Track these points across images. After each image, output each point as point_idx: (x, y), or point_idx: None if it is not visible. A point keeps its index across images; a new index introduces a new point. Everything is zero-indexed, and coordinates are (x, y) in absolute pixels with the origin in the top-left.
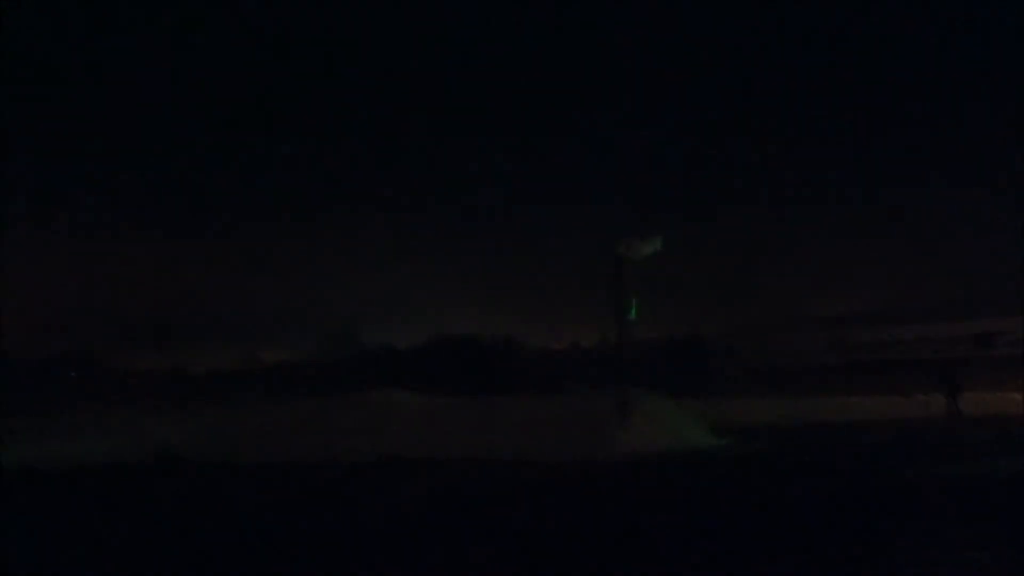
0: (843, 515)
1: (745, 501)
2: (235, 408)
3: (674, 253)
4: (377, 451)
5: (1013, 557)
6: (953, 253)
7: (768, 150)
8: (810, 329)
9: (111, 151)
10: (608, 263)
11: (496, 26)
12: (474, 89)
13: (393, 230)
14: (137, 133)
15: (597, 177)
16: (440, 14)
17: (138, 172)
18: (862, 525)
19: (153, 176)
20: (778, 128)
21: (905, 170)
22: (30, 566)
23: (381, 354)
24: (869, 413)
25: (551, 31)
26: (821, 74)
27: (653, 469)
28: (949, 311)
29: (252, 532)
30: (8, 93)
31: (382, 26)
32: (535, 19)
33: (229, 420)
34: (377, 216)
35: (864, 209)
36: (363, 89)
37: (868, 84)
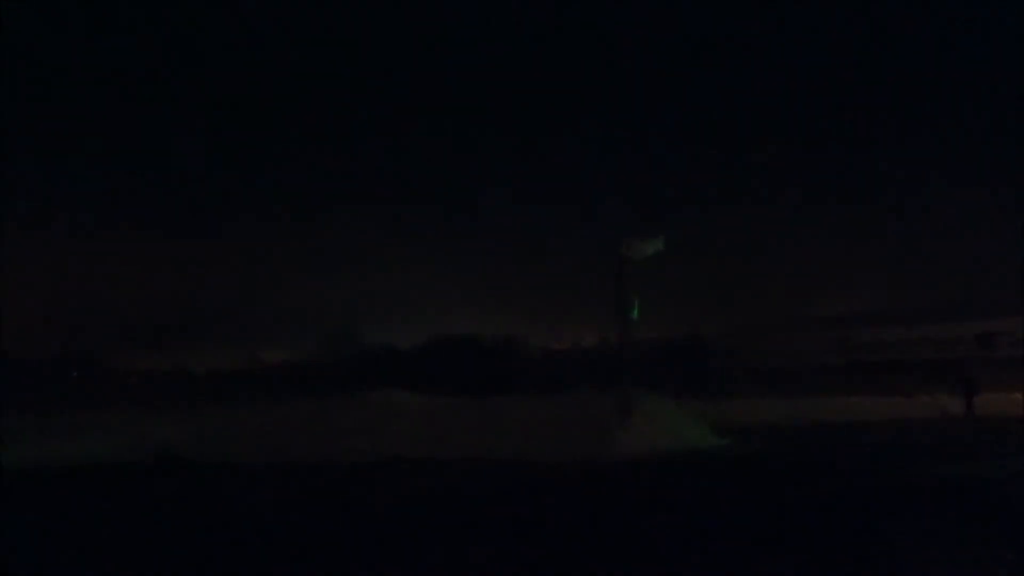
0: (843, 515)
1: (745, 501)
2: (235, 408)
3: (674, 253)
4: (377, 451)
5: (1013, 557)
6: (953, 253)
7: (768, 150)
8: (810, 329)
9: (111, 151)
10: (609, 263)
11: (496, 26)
12: (475, 89)
13: (393, 230)
14: (137, 133)
15: (598, 177)
16: (440, 14)
17: (138, 172)
18: (862, 525)
19: (153, 176)
20: (778, 128)
21: (905, 170)
22: (30, 566)
23: (381, 354)
24: (870, 413)
25: (551, 31)
26: (821, 74)
27: (653, 469)
28: (949, 311)
29: (252, 532)
30: (8, 93)
31: (382, 26)
32: (535, 19)
33: (229, 420)
34: (377, 216)
35: (864, 209)
36: (363, 89)
37: (868, 84)
